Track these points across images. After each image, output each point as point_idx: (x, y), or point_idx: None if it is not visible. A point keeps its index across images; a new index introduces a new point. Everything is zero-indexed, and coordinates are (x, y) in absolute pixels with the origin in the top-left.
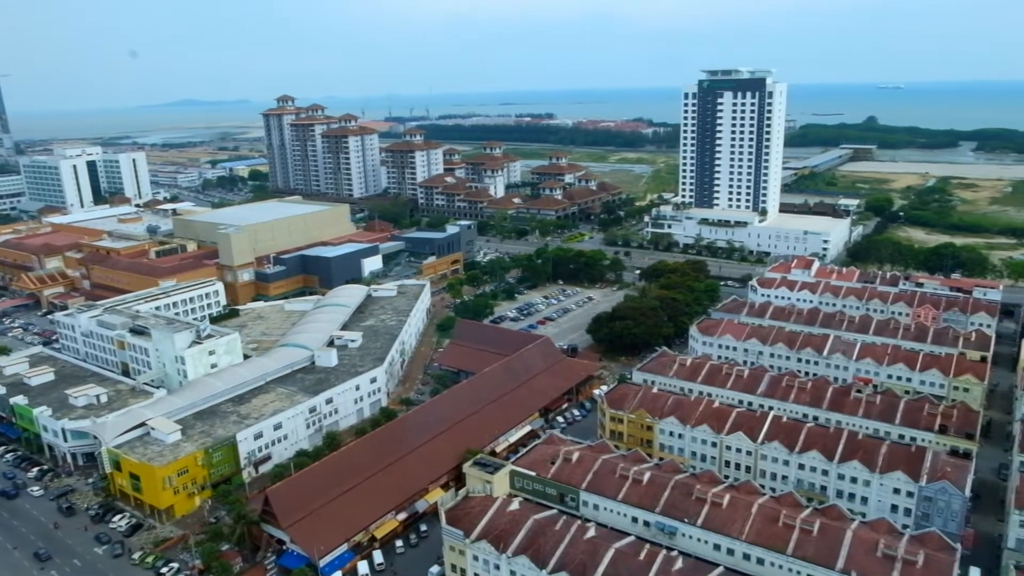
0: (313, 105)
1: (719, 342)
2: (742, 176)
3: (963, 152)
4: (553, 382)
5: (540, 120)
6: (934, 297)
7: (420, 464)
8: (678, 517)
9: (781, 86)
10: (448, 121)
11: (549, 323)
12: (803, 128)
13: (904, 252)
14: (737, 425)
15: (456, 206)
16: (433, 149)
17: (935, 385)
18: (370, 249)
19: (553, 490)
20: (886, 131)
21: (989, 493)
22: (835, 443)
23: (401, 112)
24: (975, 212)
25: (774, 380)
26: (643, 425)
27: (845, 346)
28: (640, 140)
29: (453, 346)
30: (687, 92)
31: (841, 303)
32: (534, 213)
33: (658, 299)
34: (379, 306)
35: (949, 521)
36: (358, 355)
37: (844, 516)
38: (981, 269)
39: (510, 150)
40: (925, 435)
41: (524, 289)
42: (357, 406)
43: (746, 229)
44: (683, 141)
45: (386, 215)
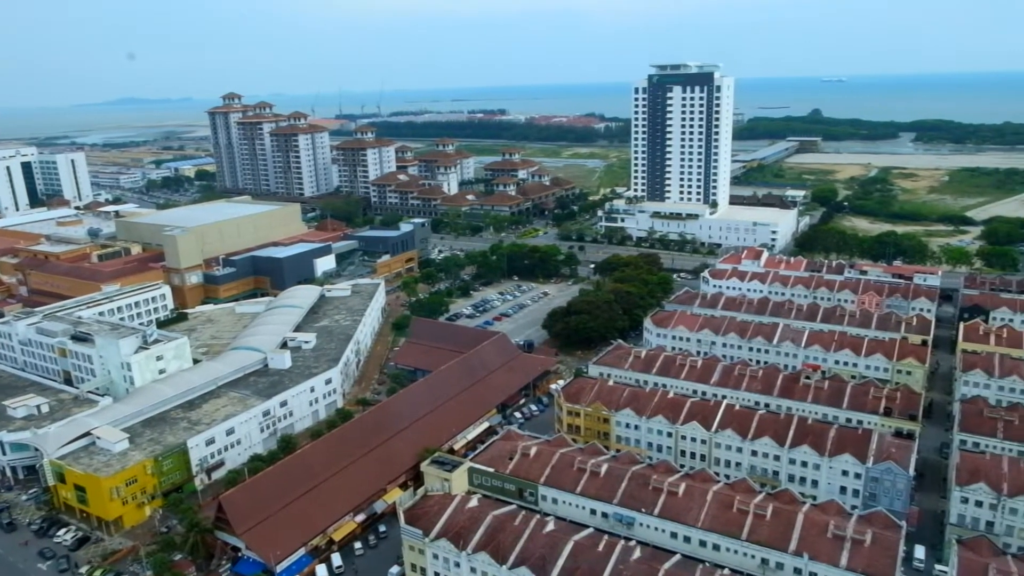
0: (261, 103)
1: (673, 333)
2: (693, 169)
3: (903, 143)
4: (510, 378)
5: (493, 116)
6: (877, 284)
7: (377, 464)
8: (635, 507)
9: (729, 80)
10: (400, 118)
11: (505, 319)
12: (751, 121)
13: (849, 241)
14: (691, 415)
15: (410, 204)
16: (385, 147)
17: (879, 369)
18: (323, 249)
19: (512, 486)
20: (830, 123)
21: (932, 471)
22: (786, 429)
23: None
24: (915, 201)
25: (726, 369)
26: (600, 418)
27: (794, 334)
28: (592, 135)
29: (409, 345)
30: (637, 87)
31: (790, 292)
32: (488, 209)
33: (613, 292)
34: (333, 306)
35: (895, 500)
36: (312, 356)
37: (796, 500)
38: (921, 256)
39: (463, 147)
40: (871, 418)
41: (479, 286)
42: (312, 408)
43: (697, 221)
44: (634, 135)
45: (338, 214)
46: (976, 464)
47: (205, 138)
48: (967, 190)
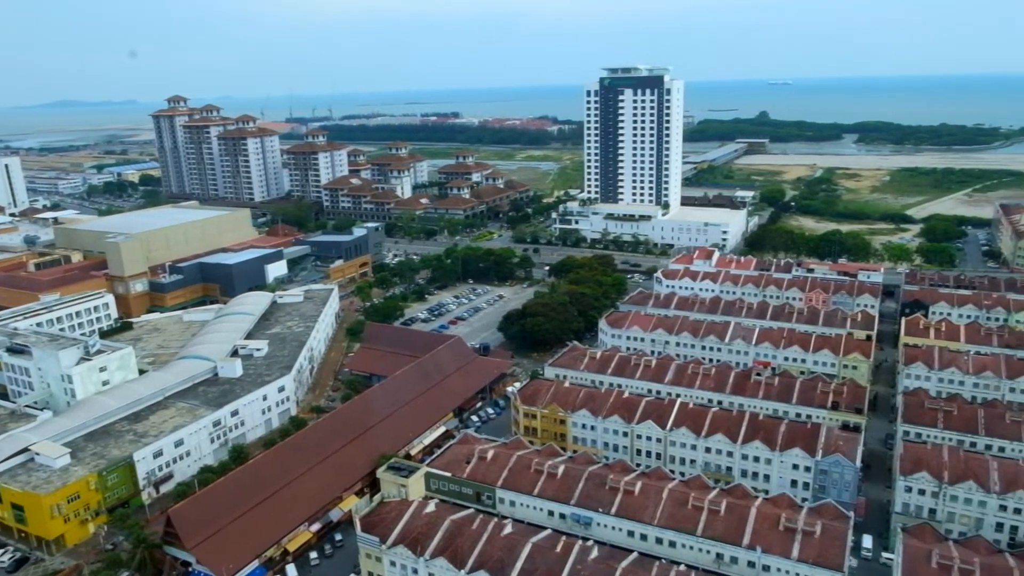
0: (208, 106)
1: (627, 334)
2: (645, 171)
3: (846, 144)
4: (466, 381)
5: (446, 119)
6: (824, 282)
7: (333, 472)
8: (593, 507)
9: (678, 83)
10: (352, 121)
11: (460, 323)
12: (701, 124)
13: (796, 240)
14: (647, 414)
15: (363, 208)
16: (337, 150)
17: (827, 364)
18: (274, 254)
19: (469, 489)
20: (777, 125)
21: (878, 462)
22: (738, 425)
23: (303, 112)
24: (858, 200)
25: (680, 368)
26: (556, 419)
27: (745, 332)
28: (546, 138)
29: (364, 350)
30: (589, 90)
31: (740, 291)
32: (442, 213)
33: (567, 294)
34: (285, 313)
35: (843, 491)
36: (264, 364)
37: (748, 494)
38: (864, 254)
39: (416, 150)
40: (819, 412)
41: (434, 290)
42: (265, 417)
43: (650, 222)
44: (587, 138)
45: (290, 219)
46: (919, 454)
47: (150, 142)
48: (907, 189)
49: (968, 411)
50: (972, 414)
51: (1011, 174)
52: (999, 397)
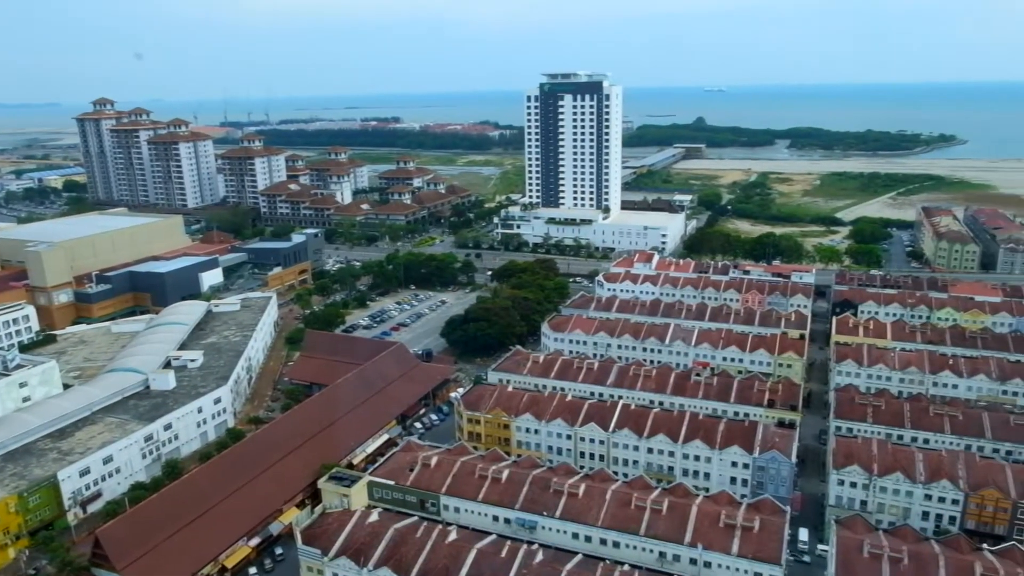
0: (136, 109)
1: (570, 337)
2: (585, 176)
3: (779, 149)
4: (409, 388)
5: (387, 124)
6: (759, 283)
7: (272, 484)
8: (537, 511)
9: (617, 89)
10: (290, 126)
11: (403, 329)
12: (640, 129)
13: (732, 242)
14: (589, 416)
15: (302, 214)
16: (274, 155)
17: (763, 363)
18: (209, 262)
19: (413, 497)
20: (713, 131)
21: (813, 457)
22: (679, 425)
23: (239, 117)
24: (791, 204)
25: (622, 370)
26: (500, 424)
27: (685, 333)
28: (487, 142)
29: (304, 358)
30: (529, 95)
31: (680, 293)
32: (383, 218)
33: (510, 299)
34: (221, 322)
35: (780, 487)
36: (199, 375)
37: (690, 493)
38: (797, 255)
39: (356, 155)
40: (756, 410)
41: (376, 296)
42: (200, 430)
43: (591, 227)
44: (528, 143)
45: (226, 225)
46: (850, 448)
47: (74, 146)
48: (836, 193)
49: (895, 405)
50: (899, 408)
51: (931, 178)
52: (923, 391)
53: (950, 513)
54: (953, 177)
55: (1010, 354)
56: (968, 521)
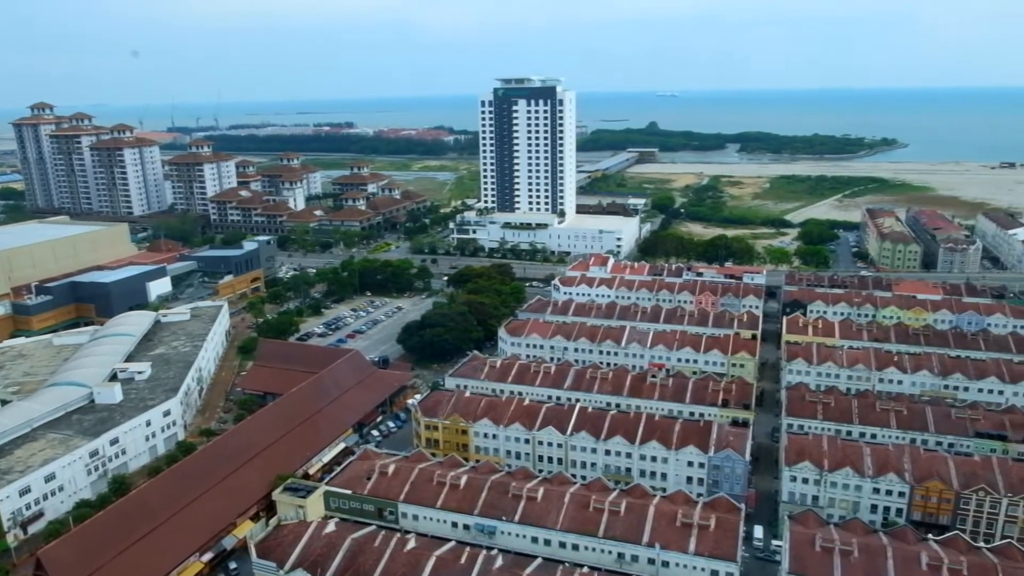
0: (78, 114)
1: (527, 341)
2: (540, 180)
3: (730, 153)
4: (365, 396)
5: (340, 129)
6: (712, 285)
7: (225, 497)
8: (496, 516)
9: (570, 94)
10: (240, 131)
11: (359, 336)
12: (594, 133)
13: (686, 245)
14: (547, 420)
15: (253, 221)
16: (224, 161)
17: (717, 364)
18: (156, 271)
19: (370, 506)
20: (666, 135)
21: (766, 455)
22: (636, 427)
23: (186, 122)
24: (742, 206)
25: (579, 373)
26: (458, 430)
27: (640, 335)
28: (442, 148)
29: (257, 368)
30: (483, 100)
31: (635, 296)
32: (337, 225)
33: (467, 304)
34: (170, 332)
35: (735, 485)
36: (147, 387)
37: (647, 493)
38: (748, 257)
39: (309, 161)
40: (711, 410)
41: (331, 303)
42: (149, 443)
43: (547, 231)
44: (482, 148)
45: (174, 233)
46: (801, 445)
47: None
48: (785, 196)
49: (843, 402)
50: (847, 405)
51: (875, 181)
52: (870, 388)
53: (897, 505)
54: (896, 179)
55: (951, 350)
56: (914, 513)
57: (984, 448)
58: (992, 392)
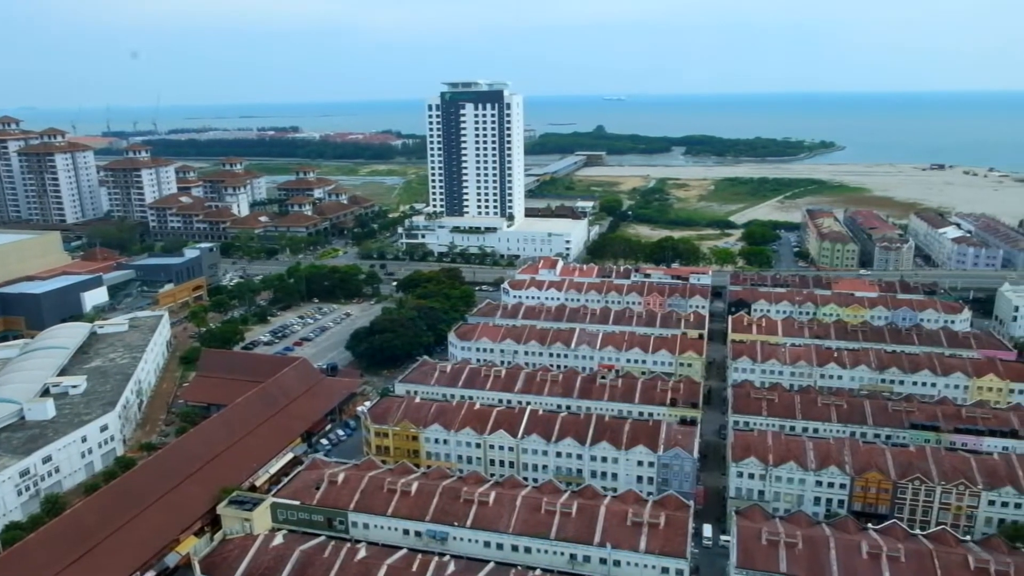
0: (4, 117)
1: (477, 346)
2: (488, 184)
3: (675, 156)
4: (314, 404)
5: (285, 134)
6: (660, 285)
7: (167, 513)
8: (448, 522)
9: (518, 97)
10: (181, 136)
11: (306, 343)
12: (542, 137)
13: (634, 247)
14: (498, 424)
15: (195, 228)
16: (163, 167)
17: (665, 364)
18: (91, 281)
19: (320, 516)
20: (613, 138)
21: (714, 452)
22: (586, 428)
23: (123, 126)
24: (688, 208)
25: (529, 376)
26: (408, 436)
27: (589, 337)
28: (390, 152)
29: (200, 379)
30: (431, 104)
31: (584, 298)
32: (283, 231)
33: (416, 309)
34: (107, 344)
35: (684, 482)
36: (83, 402)
37: (598, 494)
38: (695, 258)
39: (253, 166)
40: (659, 409)
41: (277, 311)
42: (85, 460)
43: (496, 234)
44: (430, 152)
45: (110, 241)
46: (747, 441)
47: None
48: (729, 197)
49: (787, 398)
50: (790, 401)
51: (814, 182)
52: (812, 383)
53: (838, 497)
54: (833, 181)
55: (887, 345)
56: (855, 503)
57: (919, 439)
58: (925, 385)
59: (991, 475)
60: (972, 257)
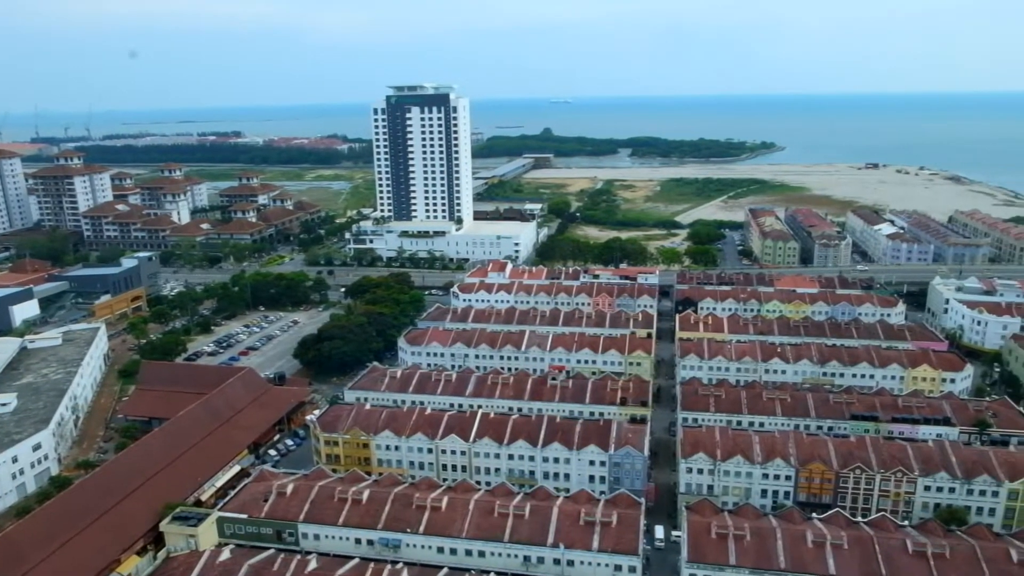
0: None
1: (427, 350)
2: (436, 187)
3: (622, 157)
4: (261, 414)
5: (227, 138)
6: (608, 286)
7: (107, 533)
8: (401, 529)
9: (464, 101)
10: (116, 142)
11: (253, 353)
12: (490, 140)
13: (582, 248)
14: (450, 428)
15: (133, 237)
16: (98, 174)
17: (615, 363)
18: (21, 293)
19: (268, 529)
20: (560, 141)
21: (664, 449)
22: (538, 429)
23: (54, 132)
24: (635, 209)
25: (480, 380)
26: (359, 444)
27: (540, 339)
28: (336, 156)
29: (140, 392)
30: (376, 108)
31: (534, 300)
32: (227, 238)
33: (365, 315)
34: (39, 359)
35: (635, 480)
36: (13, 420)
37: (551, 495)
38: (642, 258)
39: (194, 172)
40: (610, 409)
41: (221, 320)
42: (16, 481)
43: (445, 238)
44: (377, 156)
45: (41, 252)
46: (696, 437)
47: None
48: (675, 198)
49: (733, 394)
50: (737, 396)
51: (757, 182)
52: (757, 378)
53: (784, 489)
54: (775, 181)
55: (827, 339)
56: (800, 494)
57: (859, 429)
58: (864, 376)
59: (926, 462)
60: (905, 253)
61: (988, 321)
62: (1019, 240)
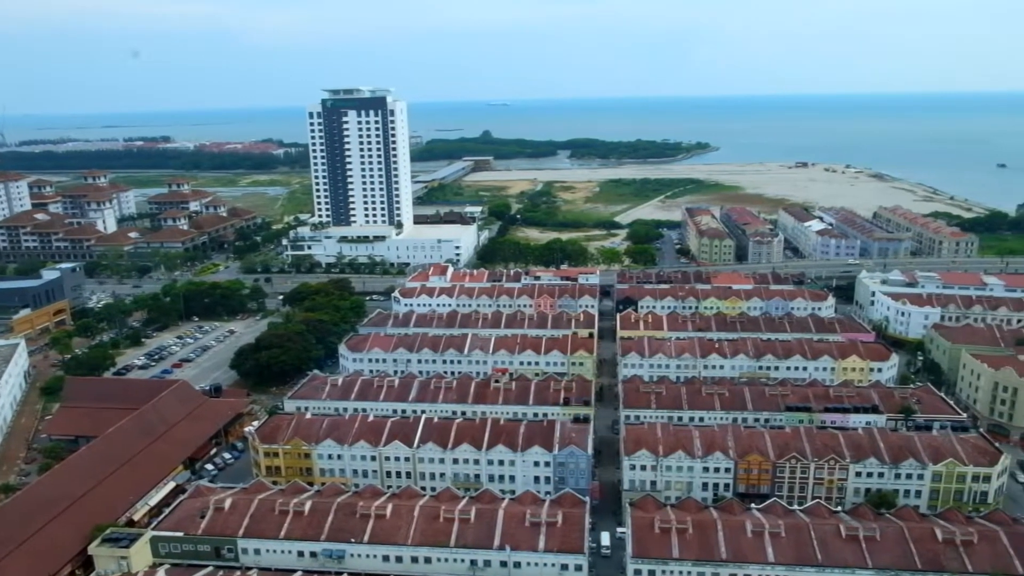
0: None
1: (369, 356)
2: (375, 192)
3: (561, 159)
4: (196, 428)
5: (155, 144)
6: (550, 287)
7: (29, 560)
8: (345, 539)
9: (402, 104)
10: (34, 148)
11: (187, 365)
12: (429, 143)
13: (523, 250)
14: (393, 435)
15: (54, 247)
16: (14, 181)
17: (557, 364)
18: None
19: (206, 546)
20: (500, 143)
21: (608, 447)
22: (482, 433)
23: None
24: (575, 210)
25: (423, 384)
26: (300, 454)
27: (482, 342)
28: (272, 161)
29: (65, 410)
30: (312, 111)
31: (475, 303)
32: (157, 247)
33: (304, 322)
34: None
35: (579, 479)
36: None
37: (496, 497)
38: (583, 258)
39: (120, 179)
40: (553, 409)
41: (152, 332)
42: None
43: (385, 243)
44: (314, 161)
45: None
46: (639, 434)
47: None
48: (614, 199)
49: (674, 390)
50: (677, 392)
51: (693, 182)
52: (696, 374)
53: (724, 481)
54: (710, 180)
55: (762, 334)
56: (739, 485)
57: (793, 420)
58: (798, 369)
59: (857, 449)
60: (834, 248)
61: (911, 312)
62: (938, 234)
